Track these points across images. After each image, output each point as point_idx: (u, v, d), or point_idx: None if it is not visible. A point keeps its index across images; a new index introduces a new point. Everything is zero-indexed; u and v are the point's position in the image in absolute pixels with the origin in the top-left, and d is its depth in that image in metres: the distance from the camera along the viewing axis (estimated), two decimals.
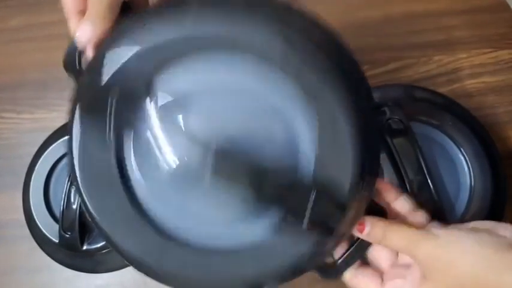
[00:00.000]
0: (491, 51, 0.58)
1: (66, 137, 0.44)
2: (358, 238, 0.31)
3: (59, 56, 0.60)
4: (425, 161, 0.39)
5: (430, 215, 0.31)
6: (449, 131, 0.42)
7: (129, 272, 0.56)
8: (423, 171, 0.39)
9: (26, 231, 0.47)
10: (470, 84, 0.57)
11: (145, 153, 0.27)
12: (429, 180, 0.39)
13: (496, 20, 0.57)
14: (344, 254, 0.31)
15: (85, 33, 0.30)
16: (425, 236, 0.28)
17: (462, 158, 0.42)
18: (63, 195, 0.42)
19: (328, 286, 0.55)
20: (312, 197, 0.26)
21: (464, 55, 0.58)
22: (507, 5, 0.57)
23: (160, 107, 0.27)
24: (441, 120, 0.40)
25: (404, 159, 0.39)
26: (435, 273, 0.28)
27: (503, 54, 0.58)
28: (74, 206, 0.42)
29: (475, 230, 0.28)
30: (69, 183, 0.42)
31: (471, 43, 0.57)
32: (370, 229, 0.30)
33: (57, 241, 0.44)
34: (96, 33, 0.30)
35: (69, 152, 0.28)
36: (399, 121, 0.41)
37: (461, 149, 0.42)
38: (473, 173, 0.41)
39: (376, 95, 0.47)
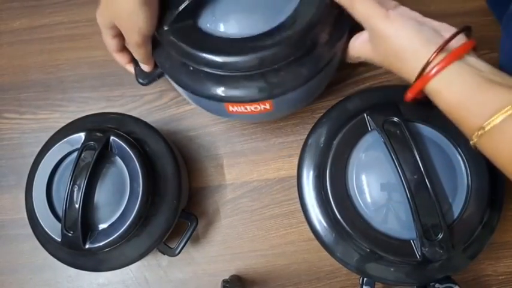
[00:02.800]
0: (487, 53, 0.58)
1: (69, 137, 0.45)
2: None
3: (62, 57, 0.61)
4: (423, 161, 0.40)
5: None
6: (446, 131, 0.43)
7: (131, 270, 0.56)
8: (420, 171, 0.39)
9: (29, 230, 0.47)
10: None
11: None
12: (426, 180, 0.39)
13: (492, 22, 0.57)
14: None
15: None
16: (384, 18, 0.37)
17: (460, 158, 0.42)
18: (66, 195, 0.42)
19: (328, 285, 0.55)
20: None
21: None
22: None
23: None
24: (439, 120, 0.40)
25: (402, 159, 0.40)
26: (379, 45, 0.39)
27: None
28: (77, 205, 0.42)
29: (420, 23, 0.37)
30: (71, 182, 0.43)
31: None
32: None
33: (59, 240, 0.44)
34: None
35: None
36: (397, 122, 0.41)
37: (459, 149, 0.42)
38: (470, 172, 0.42)
39: (375, 96, 0.47)
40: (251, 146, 0.58)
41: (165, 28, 0.41)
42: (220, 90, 0.41)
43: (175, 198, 0.48)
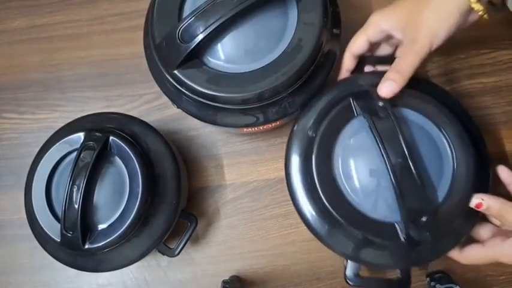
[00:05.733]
0: (489, 52, 0.58)
1: (68, 137, 0.45)
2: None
3: (60, 56, 0.61)
4: (408, 145, 0.40)
5: None
6: (432, 115, 0.43)
7: (131, 271, 0.56)
8: (405, 154, 0.39)
9: (28, 230, 0.47)
10: (469, 84, 0.58)
11: None
12: (411, 164, 0.39)
13: (494, 22, 0.57)
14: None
15: (390, 89, 0.42)
16: None
17: (445, 141, 0.42)
18: (65, 195, 0.42)
19: (329, 285, 0.55)
20: None
21: (463, 56, 0.58)
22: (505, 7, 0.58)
23: None
24: (424, 104, 0.41)
25: (386, 143, 0.40)
26: None
27: (501, 55, 0.58)
28: (76, 206, 0.42)
29: None
30: (70, 182, 0.42)
31: (469, 44, 0.58)
32: (486, 207, 0.41)
33: (59, 240, 0.43)
34: (396, 91, 0.42)
35: None
36: (382, 106, 0.41)
37: (444, 132, 0.42)
38: (456, 155, 0.42)
39: (363, 81, 0.47)
40: (251, 146, 0.58)
41: (176, 72, 0.43)
42: (235, 119, 0.47)
43: (175, 199, 0.47)
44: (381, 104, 0.42)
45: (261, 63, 0.43)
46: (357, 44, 0.46)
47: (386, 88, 0.42)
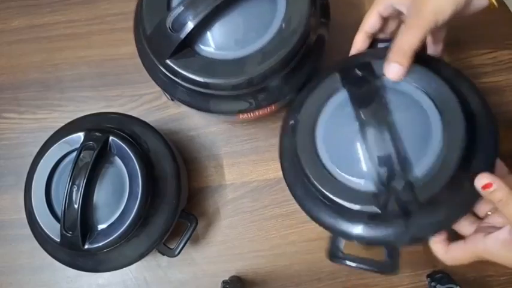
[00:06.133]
0: (490, 52, 0.58)
1: (68, 137, 0.45)
2: None
3: (60, 56, 0.61)
4: (383, 112, 0.39)
5: None
6: (420, 83, 0.41)
7: (130, 271, 0.56)
8: (383, 123, 0.38)
9: (28, 230, 0.47)
10: None
11: None
12: (387, 132, 0.38)
13: (495, 21, 0.57)
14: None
15: (396, 73, 0.40)
16: None
17: (435, 109, 0.40)
18: (65, 195, 0.42)
19: (329, 285, 0.55)
20: None
21: (463, 56, 0.58)
22: (506, 7, 0.57)
23: None
24: (414, 73, 0.40)
25: (363, 111, 0.40)
26: None
27: (503, 54, 0.58)
28: (76, 206, 0.42)
29: None
30: (70, 182, 0.42)
31: (470, 44, 0.58)
32: (493, 190, 0.36)
33: (58, 240, 0.43)
34: (403, 73, 0.39)
35: None
36: (362, 76, 0.41)
37: (433, 100, 0.40)
38: (444, 125, 0.39)
39: (357, 57, 0.46)
40: (251, 146, 0.58)
41: (168, 61, 0.43)
42: (229, 106, 0.47)
43: (175, 199, 0.47)
44: (359, 73, 0.41)
45: (251, 49, 0.43)
46: (370, 21, 0.45)
47: (391, 71, 0.40)
